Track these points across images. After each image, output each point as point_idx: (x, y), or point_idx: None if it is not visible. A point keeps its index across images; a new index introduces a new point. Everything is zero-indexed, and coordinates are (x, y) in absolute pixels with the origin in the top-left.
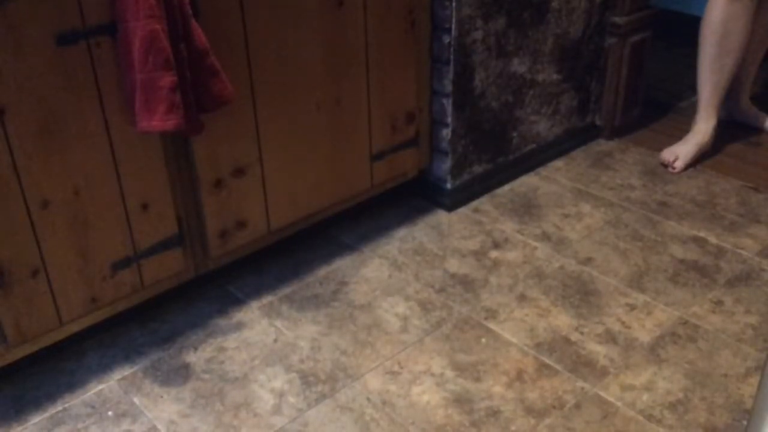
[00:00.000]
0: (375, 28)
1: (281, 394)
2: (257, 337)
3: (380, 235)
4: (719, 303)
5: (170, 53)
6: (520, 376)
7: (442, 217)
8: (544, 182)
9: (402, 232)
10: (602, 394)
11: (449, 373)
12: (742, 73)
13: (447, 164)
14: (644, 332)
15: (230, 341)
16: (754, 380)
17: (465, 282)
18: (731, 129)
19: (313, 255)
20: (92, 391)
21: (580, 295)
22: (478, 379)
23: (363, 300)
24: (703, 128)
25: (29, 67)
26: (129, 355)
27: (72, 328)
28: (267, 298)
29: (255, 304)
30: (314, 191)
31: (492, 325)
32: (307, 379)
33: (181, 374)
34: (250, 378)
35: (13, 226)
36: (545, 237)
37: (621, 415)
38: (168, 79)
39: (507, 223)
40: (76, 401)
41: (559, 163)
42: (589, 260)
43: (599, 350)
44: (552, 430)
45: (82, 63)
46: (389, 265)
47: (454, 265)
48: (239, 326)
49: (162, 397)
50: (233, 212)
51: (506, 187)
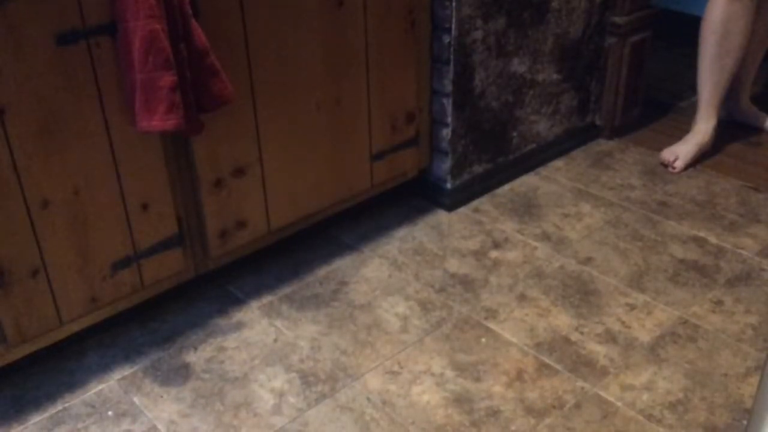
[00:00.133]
0: (375, 28)
1: (281, 394)
2: (257, 336)
3: (380, 235)
4: (719, 303)
5: (170, 53)
6: (520, 375)
7: (442, 217)
8: (544, 182)
9: (402, 232)
10: (602, 393)
11: (449, 373)
12: (742, 73)
13: (447, 164)
14: (644, 332)
15: (230, 341)
16: (754, 380)
17: (465, 282)
18: (731, 129)
19: (313, 255)
20: (92, 391)
21: (580, 294)
22: (478, 379)
23: (363, 300)
24: (703, 128)
25: (29, 67)
26: (129, 355)
27: (72, 328)
28: (267, 298)
29: (255, 304)
30: (314, 191)
31: (492, 325)
32: (307, 379)
33: (181, 374)
34: (250, 378)
35: (13, 226)
36: (545, 237)
37: (621, 415)
38: (168, 79)
39: (507, 223)
40: (76, 401)
41: (559, 162)
42: (589, 260)
43: (599, 350)
44: (552, 430)
45: (82, 63)
46: (389, 265)
47: (454, 265)
48: (239, 326)
49: (162, 396)
50: (233, 212)
51: (506, 187)
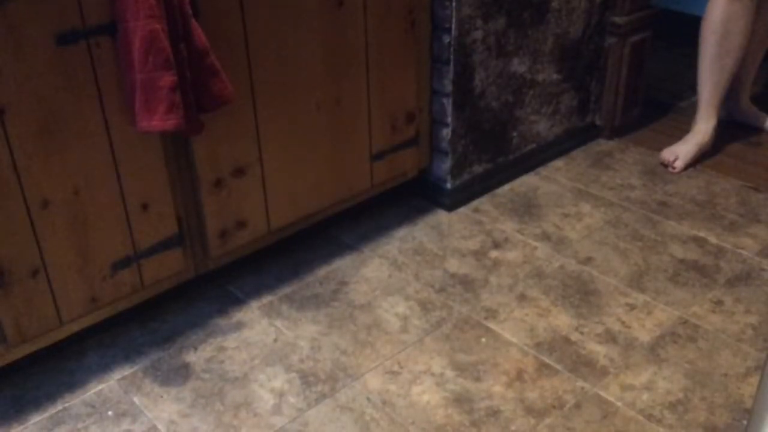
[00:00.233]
0: (375, 28)
1: (281, 394)
2: (257, 336)
3: (380, 235)
4: (719, 303)
5: (170, 53)
6: (520, 375)
7: (442, 217)
8: (544, 182)
9: (402, 232)
10: (602, 393)
11: (449, 373)
12: (742, 73)
13: (447, 164)
14: (644, 332)
15: (230, 341)
16: (754, 380)
17: (465, 282)
18: (731, 129)
19: (313, 255)
20: (92, 391)
21: (580, 294)
22: (478, 379)
23: (363, 300)
24: (703, 128)
25: (29, 67)
26: (129, 355)
27: (72, 328)
28: (267, 298)
29: (255, 304)
30: (314, 191)
31: (492, 325)
32: (307, 379)
33: (181, 374)
34: (250, 378)
35: (13, 226)
36: (545, 237)
37: (621, 415)
38: (168, 79)
39: (507, 222)
40: (76, 401)
41: (559, 162)
42: (589, 260)
43: (599, 350)
44: (552, 429)
45: (82, 63)
46: (389, 264)
47: (454, 265)
48: (239, 326)
49: (162, 396)
50: (233, 212)
51: (506, 187)
